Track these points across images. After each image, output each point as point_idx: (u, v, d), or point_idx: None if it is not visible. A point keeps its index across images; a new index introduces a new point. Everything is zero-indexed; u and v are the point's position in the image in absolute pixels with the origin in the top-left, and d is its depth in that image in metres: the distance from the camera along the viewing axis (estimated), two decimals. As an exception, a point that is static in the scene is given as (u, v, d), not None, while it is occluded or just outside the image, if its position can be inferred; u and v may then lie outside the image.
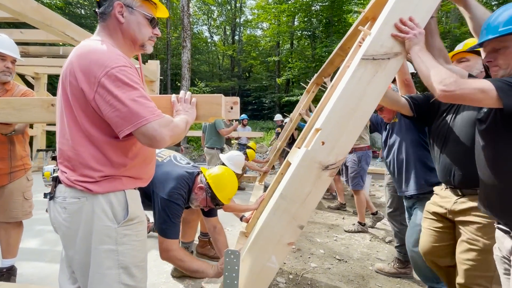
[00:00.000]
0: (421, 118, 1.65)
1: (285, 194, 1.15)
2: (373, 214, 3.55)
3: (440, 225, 1.53)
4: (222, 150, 5.00)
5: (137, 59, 1.27)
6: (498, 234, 1.13)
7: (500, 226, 1.11)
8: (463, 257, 1.37)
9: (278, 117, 7.86)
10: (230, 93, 21.64)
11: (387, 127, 2.25)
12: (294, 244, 1.12)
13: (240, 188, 4.70)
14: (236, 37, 25.87)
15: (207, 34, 27.80)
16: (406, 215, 2.14)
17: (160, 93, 6.27)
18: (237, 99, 1.29)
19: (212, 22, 27.15)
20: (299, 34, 19.08)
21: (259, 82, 22.29)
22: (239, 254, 1.18)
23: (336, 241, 3.10)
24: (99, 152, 0.95)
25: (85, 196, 0.94)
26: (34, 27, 2.86)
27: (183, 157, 2.07)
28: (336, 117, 1.12)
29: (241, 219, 2.54)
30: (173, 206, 1.66)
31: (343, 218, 3.90)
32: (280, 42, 20.46)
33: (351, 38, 2.17)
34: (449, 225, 1.49)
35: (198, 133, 6.64)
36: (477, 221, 1.34)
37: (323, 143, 1.11)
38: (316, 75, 3.70)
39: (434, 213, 1.55)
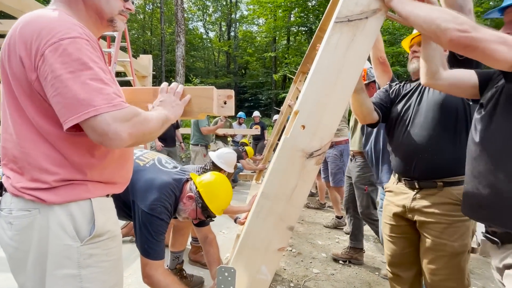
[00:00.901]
0: (384, 119, 1.46)
1: (267, 192, 0.97)
2: (337, 217, 3.42)
3: (400, 228, 1.36)
4: (206, 147, 4.82)
5: (124, 50, 1.06)
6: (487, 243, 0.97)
7: (488, 235, 0.92)
8: (432, 267, 1.22)
9: (275, 117, 7.67)
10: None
11: None
12: (285, 249, 0.91)
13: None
14: (232, 33, 25.53)
15: (202, 30, 27.41)
16: (379, 203, 2.15)
17: (152, 89, 6.04)
18: (232, 92, 1.11)
19: (207, 18, 26.76)
20: (295, 30, 18.83)
21: (255, 79, 22.03)
22: (235, 271, 0.99)
23: (338, 243, 2.94)
24: (54, 149, 0.74)
25: (37, 208, 0.74)
26: (14, 17, 2.63)
27: (169, 160, 1.78)
28: (314, 95, 0.93)
29: (235, 221, 2.37)
30: (156, 222, 1.41)
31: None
32: (277, 38, 20.22)
33: (329, 16, 1.94)
34: (409, 226, 1.34)
35: (188, 130, 6.41)
36: (440, 221, 1.20)
37: (303, 127, 0.93)
38: (301, 63, 3.56)
39: (394, 215, 1.38)
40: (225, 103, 1.10)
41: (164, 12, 18.64)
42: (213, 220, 1.72)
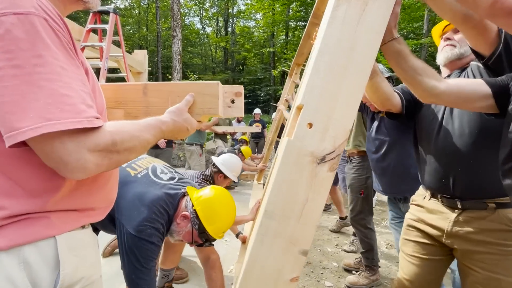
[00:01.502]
0: (409, 114, 1.23)
1: (271, 210, 0.77)
2: (341, 218, 3.24)
3: (429, 248, 1.13)
4: (202, 146, 4.57)
5: (118, 45, 0.83)
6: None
7: None
8: None
9: (274, 115, 7.43)
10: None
11: (374, 116, 1.88)
12: (298, 280, 0.67)
13: (228, 188, 4.19)
14: (229, 29, 25.13)
15: (199, 25, 26.95)
16: (389, 216, 1.91)
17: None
18: (241, 88, 0.92)
19: (204, 13, 26.29)
20: (294, 25, 18.50)
21: (254, 75, 21.73)
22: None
23: (348, 251, 2.75)
24: None
25: None
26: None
27: (166, 169, 1.50)
28: (321, 84, 0.73)
29: (237, 235, 2.15)
30: (145, 246, 1.17)
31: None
32: (275, 33, 19.89)
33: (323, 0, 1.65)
34: (441, 248, 1.11)
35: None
36: (493, 252, 0.98)
37: (310, 125, 0.74)
38: (295, 55, 3.36)
39: (421, 233, 1.15)
40: (232, 102, 0.90)
41: (160, 7, 18.21)
42: (213, 245, 1.44)
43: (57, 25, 0.52)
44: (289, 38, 19.31)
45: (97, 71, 3.55)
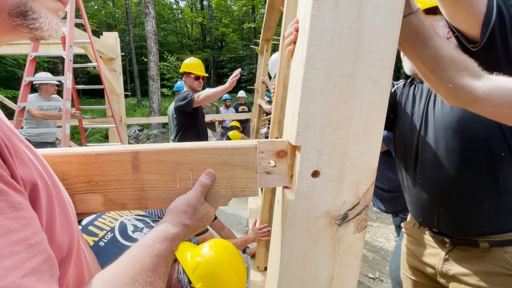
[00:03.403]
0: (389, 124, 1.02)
1: None
2: None
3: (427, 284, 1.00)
4: None
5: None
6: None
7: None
8: None
9: (241, 93, 7.00)
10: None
11: None
12: None
13: None
14: (205, 2, 23.50)
15: (171, -1, 24.96)
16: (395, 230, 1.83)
17: (123, 73, 5.18)
18: (284, 145, 0.59)
19: (176, -15, 24.29)
20: (274, -3, 17.51)
21: (234, 52, 20.74)
22: None
23: (362, 250, 2.59)
24: None
25: None
26: None
27: (140, 221, 1.09)
28: (320, 109, 0.49)
29: (244, 251, 2.09)
30: None
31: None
32: (255, 6, 18.80)
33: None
34: (441, 286, 0.97)
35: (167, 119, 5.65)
36: None
37: (316, 173, 0.52)
38: (262, 29, 3.12)
39: (418, 272, 1.00)
40: (274, 165, 0.56)
41: (127, -21, 16.47)
42: None
43: None
44: (270, 12, 18.36)
45: (63, 60, 2.99)
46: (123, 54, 4.92)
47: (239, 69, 2.64)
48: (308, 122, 0.49)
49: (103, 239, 0.96)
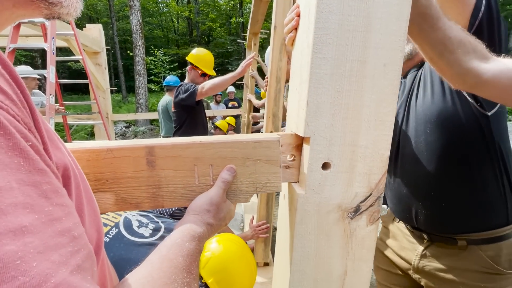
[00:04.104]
0: None
1: None
2: None
3: (398, 279, 1.00)
4: None
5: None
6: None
7: None
8: None
9: (231, 88, 6.95)
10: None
11: None
12: None
13: None
14: (191, -5, 23.01)
15: (156, -8, 24.23)
16: None
17: (108, 68, 4.99)
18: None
19: (160, -22, 23.59)
20: (262, -9, 17.34)
21: (222, 47, 20.48)
22: None
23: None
24: None
25: None
26: None
27: (145, 216, 1.06)
28: (330, 97, 0.47)
29: None
30: None
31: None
32: (243, 0, 18.58)
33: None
34: (410, 280, 0.97)
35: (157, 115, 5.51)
36: None
37: (327, 165, 0.49)
38: (249, 23, 3.08)
39: (391, 263, 1.01)
40: (293, 159, 0.54)
41: (109, -31, 15.85)
42: None
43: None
44: (257, 6, 18.19)
45: (43, 54, 2.84)
46: (108, 48, 4.73)
47: (255, 52, 2.38)
48: (317, 111, 0.46)
49: (107, 235, 0.95)
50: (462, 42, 0.56)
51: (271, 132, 1.71)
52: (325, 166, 0.48)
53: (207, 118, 5.68)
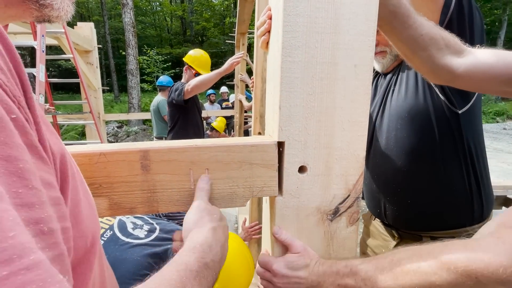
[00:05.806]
0: None
1: None
2: None
3: None
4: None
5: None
6: None
7: None
8: None
9: (223, 89, 6.94)
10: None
11: None
12: None
13: None
14: (185, -5, 22.87)
15: (149, -10, 23.98)
16: None
17: (100, 67, 4.91)
18: None
19: (154, -24, 23.36)
20: (256, -9, 17.37)
21: (216, 47, 20.41)
22: None
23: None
24: None
25: None
26: None
27: (139, 218, 1.05)
28: (302, 100, 0.48)
29: None
30: None
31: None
32: (237, 0, 18.57)
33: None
34: None
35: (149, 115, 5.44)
36: None
37: (303, 169, 0.50)
38: (236, 23, 3.08)
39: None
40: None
41: (101, -33, 15.61)
42: None
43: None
44: (254, 7, 18.21)
45: (32, 52, 2.77)
46: (100, 46, 4.65)
47: (243, 52, 2.40)
48: (290, 115, 0.46)
49: (102, 237, 0.95)
50: (434, 38, 0.57)
51: (259, 133, 1.70)
52: (302, 169, 0.49)
53: (203, 119, 5.65)
